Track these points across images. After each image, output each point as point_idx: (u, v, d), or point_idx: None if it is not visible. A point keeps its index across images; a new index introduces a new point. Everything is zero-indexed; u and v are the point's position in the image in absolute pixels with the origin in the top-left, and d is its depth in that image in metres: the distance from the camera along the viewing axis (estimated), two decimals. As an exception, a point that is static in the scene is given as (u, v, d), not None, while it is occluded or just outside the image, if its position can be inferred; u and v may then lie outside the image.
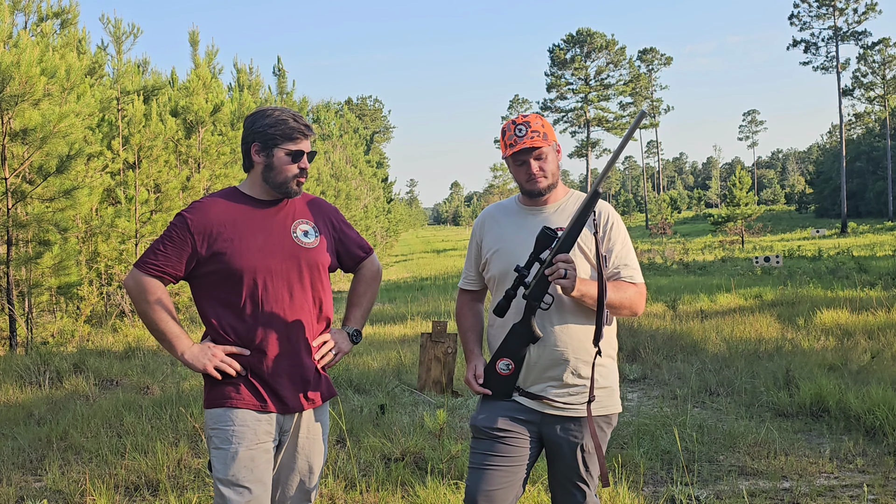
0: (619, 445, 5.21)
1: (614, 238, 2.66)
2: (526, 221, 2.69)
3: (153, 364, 8.69)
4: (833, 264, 20.06)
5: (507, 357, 2.61)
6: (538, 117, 2.68)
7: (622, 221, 2.72)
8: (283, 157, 2.58)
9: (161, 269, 2.54)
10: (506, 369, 2.62)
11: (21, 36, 9.81)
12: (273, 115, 2.61)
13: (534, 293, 2.52)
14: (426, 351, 7.20)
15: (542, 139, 2.62)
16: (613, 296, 2.57)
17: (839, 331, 9.11)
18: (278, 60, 26.59)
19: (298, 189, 2.64)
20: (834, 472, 4.65)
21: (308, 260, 2.62)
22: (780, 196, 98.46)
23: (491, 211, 2.85)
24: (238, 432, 2.51)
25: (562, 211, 2.69)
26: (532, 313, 2.56)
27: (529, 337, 2.57)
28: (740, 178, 41.19)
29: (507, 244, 2.70)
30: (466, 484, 2.66)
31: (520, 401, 2.65)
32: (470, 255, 2.86)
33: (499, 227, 2.76)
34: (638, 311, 2.66)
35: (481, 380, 2.69)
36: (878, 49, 61.93)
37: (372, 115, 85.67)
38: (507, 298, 2.56)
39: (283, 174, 2.59)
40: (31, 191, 9.88)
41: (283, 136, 2.58)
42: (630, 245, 2.71)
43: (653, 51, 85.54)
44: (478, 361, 2.75)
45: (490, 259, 2.74)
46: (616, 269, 2.65)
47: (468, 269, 2.87)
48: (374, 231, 35.94)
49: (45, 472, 4.85)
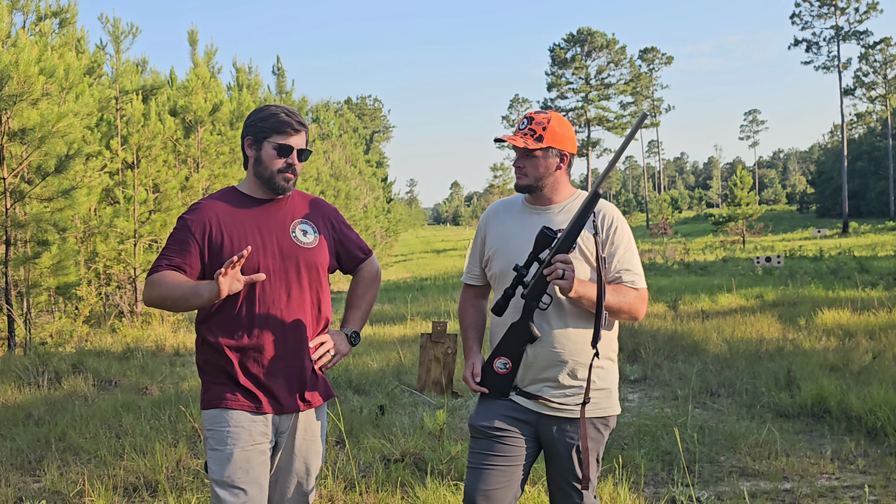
0: (620, 446, 5.19)
1: (617, 242, 2.63)
2: (530, 221, 2.68)
3: (152, 364, 8.68)
4: (834, 264, 20.05)
5: (505, 356, 2.59)
6: (548, 118, 2.63)
7: (627, 224, 2.68)
8: (270, 151, 2.56)
9: (170, 264, 2.52)
10: (503, 368, 2.60)
11: (19, 35, 9.79)
12: (267, 110, 2.60)
13: (532, 293, 2.51)
14: (426, 351, 7.18)
15: (534, 140, 2.59)
16: (613, 299, 2.55)
17: (840, 331, 9.09)
18: (277, 60, 26.56)
19: (287, 185, 2.59)
20: (835, 472, 4.63)
21: (306, 260, 2.60)
22: (782, 196, 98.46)
23: (496, 207, 2.83)
24: (233, 433, 2.49)
25: (566, 212, 2.67)
26: (530, 313, 2.54)
27: (527, 336, 2.55)
28: (741, 177, 41.15)
29: (509, 242, 2.68)
30: (465, 483, 2.65)
31: (517, 400, 2.64)
32: (474, 250, 2.85)
33: (502, 225, 2.74)
34: (638, 315, 2.64)
35: (479, 378, 2.68)
36: (880, 48, 61.91)
37: (372, 115, 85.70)
38: (506, 297, 2.55)
39: (270, 168, 2.57)
40: (29, 191, 9.86)
41: (272, 128, 2.56)
42: (634, 249, 2.68)
43: (653, 50, 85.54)
44: (476, 359, 2.74)
45: (492, 256, 2.73)
46: (618, 273, 2.63)
47: (472, 264, 2.87)
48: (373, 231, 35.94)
49: (44, 473, 4.83)
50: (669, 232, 56.28)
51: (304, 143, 2.62)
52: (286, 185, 2.59)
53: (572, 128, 2.72)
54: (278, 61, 26.67)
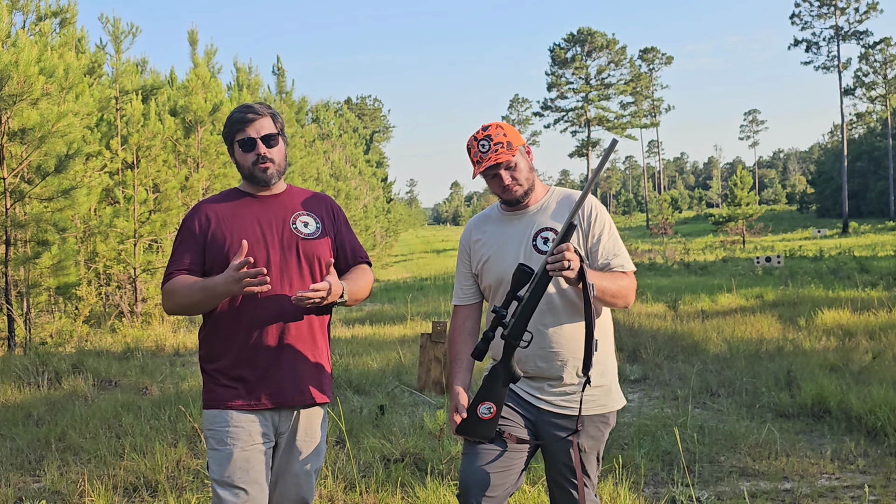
0: (620, 446, 5.19)
1: (598, 228, 2.63)
2: (511, 227, 2.68)
3: (152, 364, 8.68)
4: (834, 264, 20.04)
5: (489, 400, 2.52)
6: (498, 127, 2.62)
7: (604, 208, 2.68)
8: (239, 151, 2.62)
9: (180, 268, 2.55)
10: (487, 413, 2.52)
11: (19, 35, 9.79)
12: (230, 115, 2.65)
13: (513, 332, 2.45)
14: (426, 351, 7.18)
15: (507, 150, 2.57)
16: (610, 285, 2.54)
17: (840, 331, 9.09)
18: (278, 60, 26.55)
19: (266, 175, 2.60)
20: (835, 472, 4.63)
21: (306, 250, 2.60)
22: (782, 196, 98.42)
23: (474, 223, 2.83)
24: (232, 433, 2.50)
25: (545, 210, 2.67)
26: (511, 352, 2.49)
27: (510, 377, 2.51)
28: (741, 177, 41.15)
29: (496, 252, 2.68)
30: (460, 471, 2.61)
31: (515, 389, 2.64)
32: (460, 269, 2.83)
33: (485, 237, 2.74)
34: (630, 301, 2.63)
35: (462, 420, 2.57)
36: (880, 48, 61.93)
37: (372, 115, 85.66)
38: (485, 340, 2.47)
39: (245, 165, 2.61)
40: (29, 190, 9.87)
41: (233, 130, 2.61)
42: (616, 232, 2.68)
43: (653, 50, 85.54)
44: (460, 399, 2.63)
45: (482, 270, 2.72)
46: (607, 260, 2.62)
47: (460, 283, 2.83)
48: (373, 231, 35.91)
49: (44, 473, 4.83)
50: (669, 232, 56.30)
51: (269, 129, 2.60)
52: (266, 176, 2.60)
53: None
54: (278, 61, 26.66)
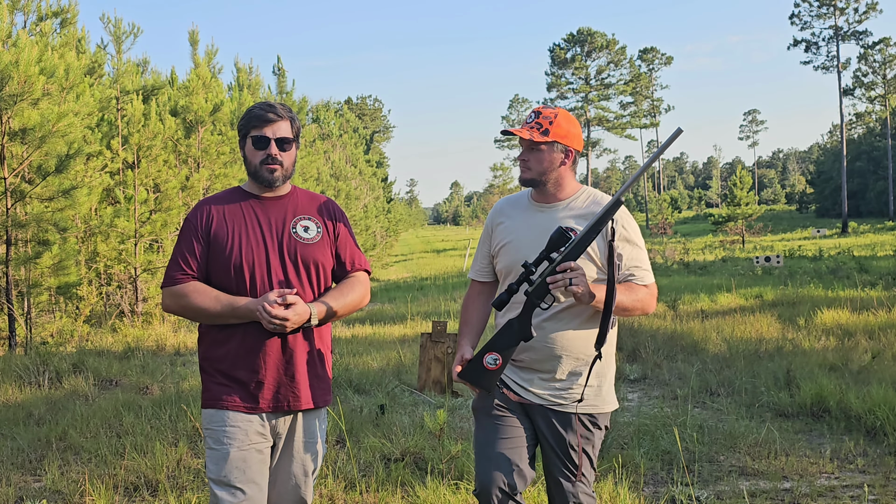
0: (620, 446, 5.19)
1: (626, 240, 2.63)
2: (535, 218, 2.68)
3: (152, 364, 8.68)
4: (834, 264, 20.03)
5: (496, 351, 2.56)
6: (554, 114, 2.62)
7: (633, 219, 2.69)
8: (250, 145, 2.60)
9: (184, 271, 2.54)
10: (493, 364, 2.56)
11: (20, 35, 9.79)
12: (250, 109, 2.63)
13: (537, 291, 2.49)
14: (426, 351, 7.19)
15: (540, 133, 2.59)
16: (626, 299, 2.55)
17: (840, 331, 9.09)
18: (278, 60, 26.51)
19: (272, 176, 2.58)
20: (834, 472, 4.64)
21: (305, 255, 2.59)
22: (781, 196, 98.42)
23: (502, 205, 2.84)
24: (230, 433, 2.50)
25: (570, 209, 2.66)
26: (531, 311, 2.52)
27: (523, 334, 2.53)
28: (741, 177, 41.12)
29: (516, 240, 2.69)
30: (476, 470, 2.64)
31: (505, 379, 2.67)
32: (481, 245, 2.86)
33: (509, 221, 2.75)
34: (649, 310, 2.66)
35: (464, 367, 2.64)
36: (879, 49, 61.86)
37: (372, 115, 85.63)
38: (509, 292, 2.52)
39: (253, 162, 2.60)
40: (30, 190, 9.87)
41: (249, 124, 2.60)
42: (642, 244, 2.68)
43: (653, 50, 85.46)
44: (465, 351, 2.70)
45: (498, 253, 2.74)
46: (628, 272, 2.62)
47: (479, 260, 2.86)
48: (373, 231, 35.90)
49: (45, 473, 4.84)
50: (669, 232, 56.24)
51: (285, 133, 2.59)
52: (271, 177, 2.58)
53: (579, 125, 2.72)
54: (279, 61, 26.62)
